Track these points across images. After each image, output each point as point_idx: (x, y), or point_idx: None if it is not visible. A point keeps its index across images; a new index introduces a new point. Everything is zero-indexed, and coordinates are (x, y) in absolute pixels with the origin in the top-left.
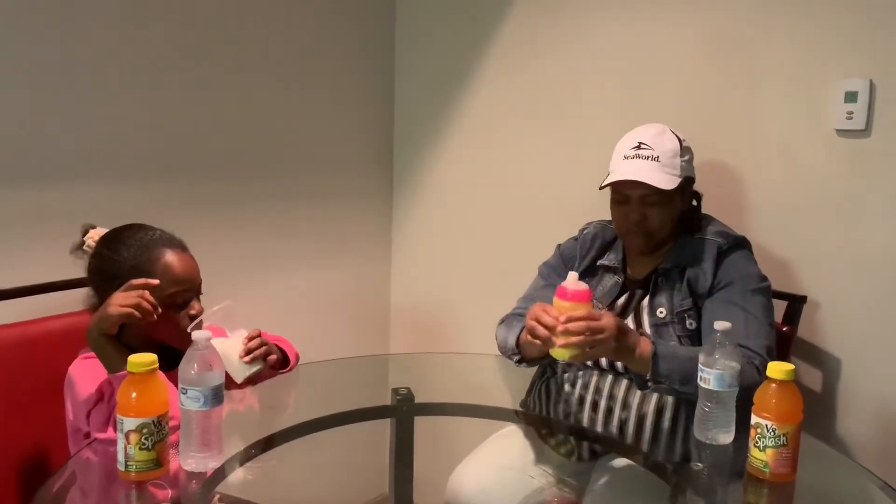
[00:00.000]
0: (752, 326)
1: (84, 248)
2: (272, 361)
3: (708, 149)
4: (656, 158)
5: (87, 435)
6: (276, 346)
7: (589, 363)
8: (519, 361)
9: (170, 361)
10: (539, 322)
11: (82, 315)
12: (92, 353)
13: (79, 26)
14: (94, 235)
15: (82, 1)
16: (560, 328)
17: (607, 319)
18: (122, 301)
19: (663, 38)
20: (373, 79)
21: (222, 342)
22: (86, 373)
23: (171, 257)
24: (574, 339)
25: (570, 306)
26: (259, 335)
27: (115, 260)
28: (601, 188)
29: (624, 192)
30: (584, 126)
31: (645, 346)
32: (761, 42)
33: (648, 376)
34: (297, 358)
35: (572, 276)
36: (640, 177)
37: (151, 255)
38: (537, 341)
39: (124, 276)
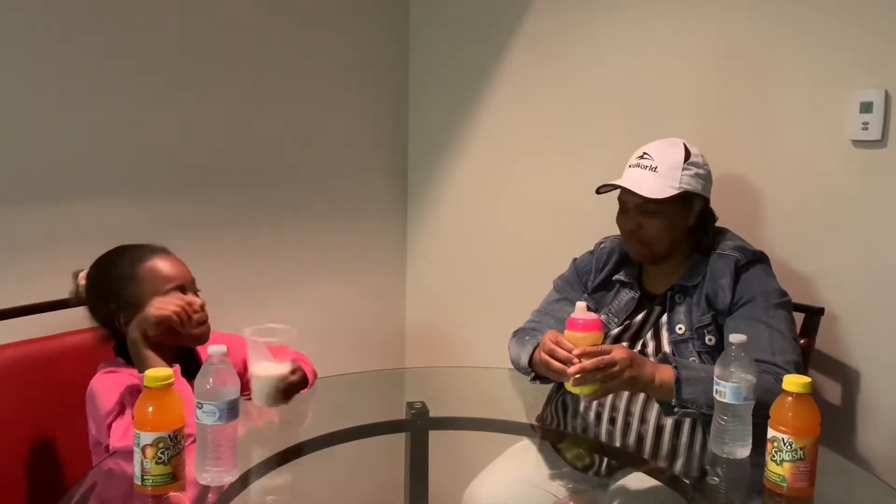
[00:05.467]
0: (778, 343)
1: (80, 290)
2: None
3: (723, 161)
4: (654, 169)
5: (108, 448)
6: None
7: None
8: (533, 379)
9: (188, 371)
10: (553, 357)
11: (98, 331)
12: (112, 368)
13: (83, 38)
14: (84, 275)
15: (88, 14)
16: (572, 370)
17: (618, 352)
18: (162, 304)
19: (677, 52)
20: (387, 94)
21: (269, 367)
22: (107, 386)
23: (155, 260)
24: (588, 376)
25: (582, 337)
26: (300, 369)
27: (108, 276)
28: (596, 192)
29: (622, 199)
30: (598, 140)
31: (666, 374)
32: (775, 54)
33: (674, 402)
34: (315, 376)
35: (581, 306)
36: (627, 183)
37: (139, 263)
38: (551, 372)
39: (119, 288)
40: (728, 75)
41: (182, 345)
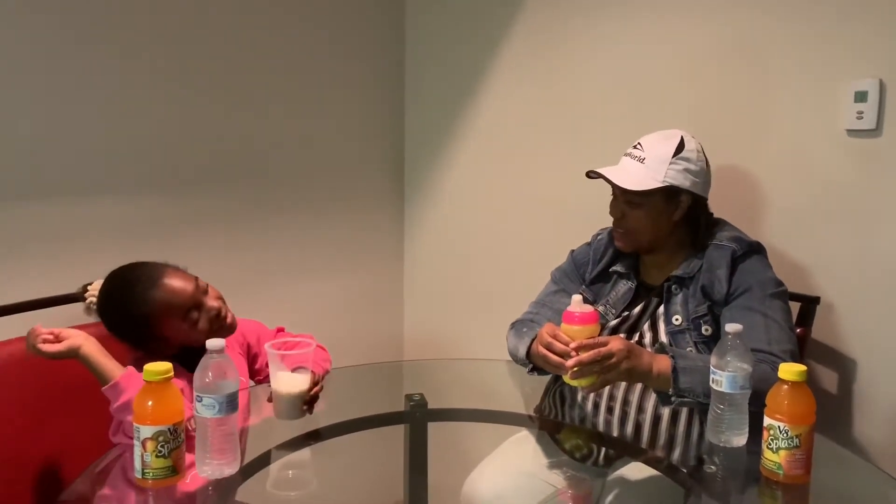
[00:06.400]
0: (774, 332)
1: (89, 304)
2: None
3: (719, 152)
4: (642, 160)
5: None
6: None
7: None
8: (531, 371)
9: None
10: (550, 350)
11: (97, 326)
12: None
13: (84, 37)
14: (96, 286)
15: (91, 15)
16: (569, 363)
17: (615, 343)
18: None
19: (673, 43)
20: (384, 90)
21: (290, 383)
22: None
23: (161, 290)
24: (585, 369)
25: (579, 330)
26: (320, 380)
27: (123, 318)
28: (586, 175)
29: (612, 186)
30: (595, 132)
31: (663, 363)
32: (770, 44)
33: (671, 392)
34: (327, 371)
35: (577, 299)
36: (608, 171)
37: (149, 301)
38: (549, 366)
39: (140, 329)
40: (723, 66)
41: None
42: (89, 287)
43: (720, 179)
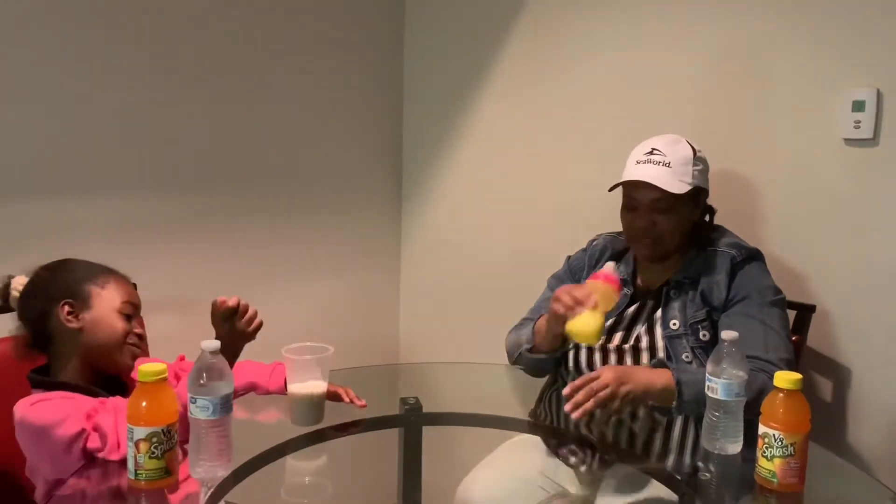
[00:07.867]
0: (772, 340)
1: (10, 295)
2: None
3: (716, 159)
4: (668, 164)
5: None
6: None
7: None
8: (529, 351)
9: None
10: (560, 301)
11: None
12: (44, 395)
13: (78, 33)
14: (20, 281)
15: (84, 10)
16: (567, 407)
17: (606, 375)
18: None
19: (672, 50)
20: (382, 91)
21: (310, 386)
22: (58, 413)
23: (115, 274)
24: (585, 405)
25: (599, 285)
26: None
27: (62, 272)
28: (611, 189)
29: (634, 196)
30: (593, 137)
31: (661, 378)
32: (769, 53)
33: (674, 405)
34: None
35: (611, 265)
36: (650, 178)
37: (99, 270)
38: (559, 312)
39: (74, 283)
40: (722, 74)
41: (107, 370)
42: (13, 280)
43: (719, 186)
